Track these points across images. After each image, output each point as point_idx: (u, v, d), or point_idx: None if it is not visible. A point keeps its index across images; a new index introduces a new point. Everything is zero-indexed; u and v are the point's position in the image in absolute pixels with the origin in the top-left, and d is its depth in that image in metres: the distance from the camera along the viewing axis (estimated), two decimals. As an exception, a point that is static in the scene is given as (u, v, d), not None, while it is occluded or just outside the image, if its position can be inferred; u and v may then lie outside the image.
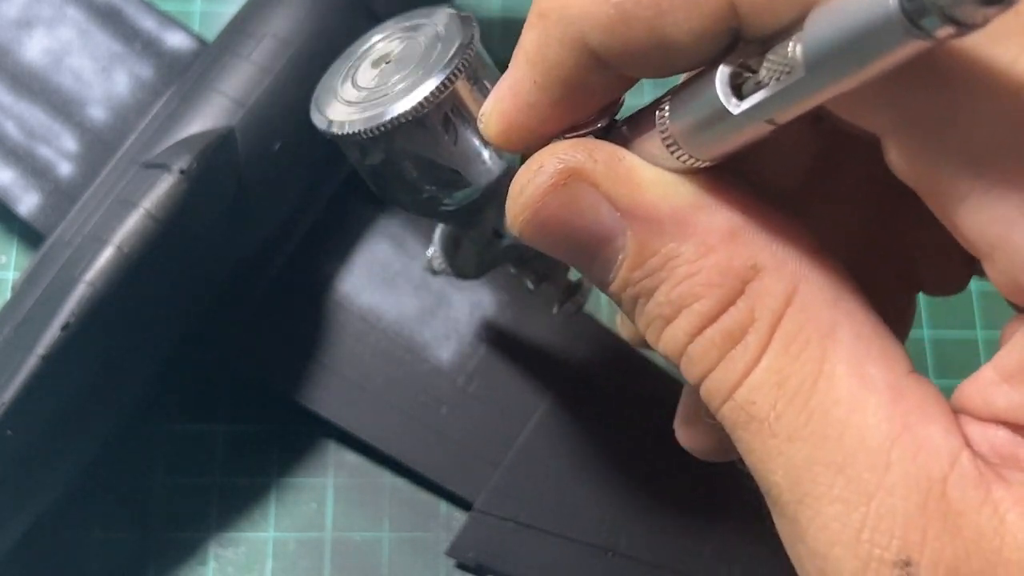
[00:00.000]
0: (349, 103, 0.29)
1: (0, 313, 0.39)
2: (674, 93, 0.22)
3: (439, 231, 0.36)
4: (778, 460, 0.21)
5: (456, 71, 0.27)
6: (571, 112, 0.24)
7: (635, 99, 0.24)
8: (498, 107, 0.25)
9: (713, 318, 0.22)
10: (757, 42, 0.20)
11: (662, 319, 0.23)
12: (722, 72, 0.21)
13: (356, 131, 0.28)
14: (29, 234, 0.44)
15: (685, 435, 0.30)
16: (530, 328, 0.43)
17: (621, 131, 0.24)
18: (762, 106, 0.20)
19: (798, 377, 0.21)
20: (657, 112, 0.22)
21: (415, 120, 0.27)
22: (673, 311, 0.22)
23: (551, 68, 0.23)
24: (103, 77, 0.43)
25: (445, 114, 0.28)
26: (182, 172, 0.38)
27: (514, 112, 0.24)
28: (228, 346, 0.42)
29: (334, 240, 0.43)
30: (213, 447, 0.44)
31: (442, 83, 0.27)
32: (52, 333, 0.36)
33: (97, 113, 0.43)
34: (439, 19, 0.30)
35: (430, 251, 0.38)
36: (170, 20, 0.45)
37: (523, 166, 0.24)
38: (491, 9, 0.51)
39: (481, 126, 0.25)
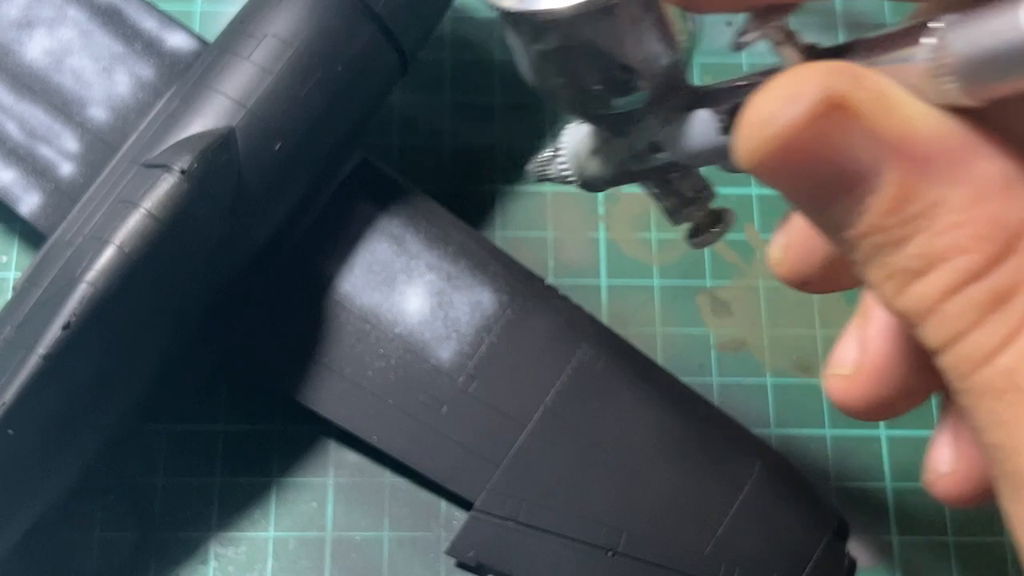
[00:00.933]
0: None
1: (1, 313, 0.39)
2: (950, 14, 0.19)
3: (574, 132, 0.32)
4: None
5: None
6: None
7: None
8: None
9: (977, 276, 0.20)
10: None
11: (909, 272, 0.20)
12: None
13: (536, 9, 0.25)
14: (30, 234, 0.45)
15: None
16: (530, 327, 0.43)
17: (858, 51, 0.22)
18: None
19: None
20: (925, 36, 0.20)
21: (605, 8, 0.24)
22: (926, 264, 0.20)
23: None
24: (104, 77, 0.44)
25: (637, 7, 0.25)
26: (183, 172, 0.38)
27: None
28: (228, 346, 0.42)
29: (334, 240, 0.43)
30: (213, 447, 0.44)
31: None
32: (53, 333, 0.36)
33: (98, 113, 0.43)
34: None
35: (549, 151, 0.34)
36: (171, 20, 0.45)
37: (766, 90, 0.21)
38: (491, 9, 0.51)
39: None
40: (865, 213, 0.20)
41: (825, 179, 0.21)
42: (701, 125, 0.27)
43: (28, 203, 0.42)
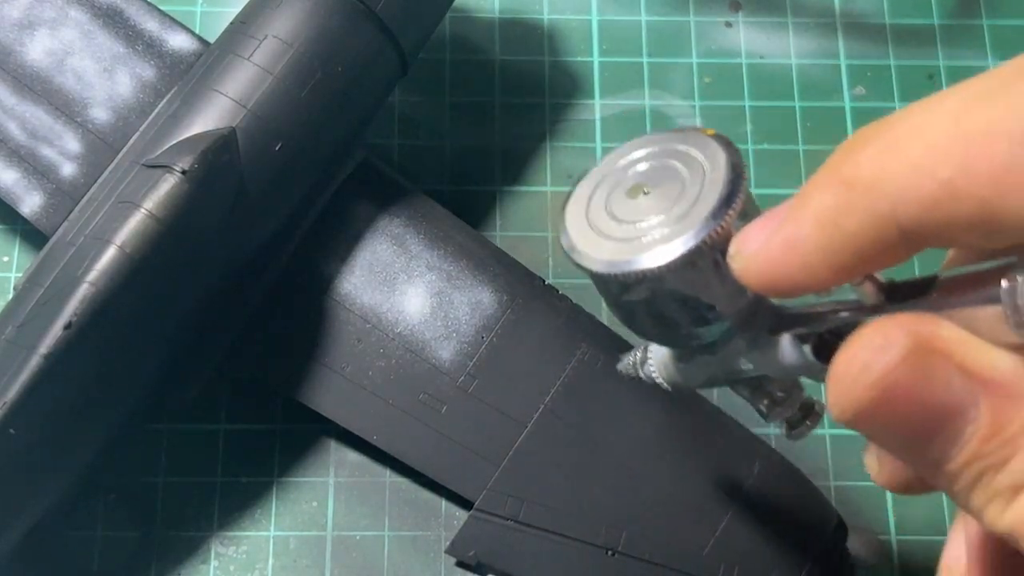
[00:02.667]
0: (607, 238, 0.28)
1: (2, 313, 0.39)
2: (1020, 265, 0.22)
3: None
4: None
5: (733, 211, 0.26)
6: (842, 278, 0.24)
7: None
8: (766, 254, 0.24)
9: None
10: None
11: (1012, 489, 0.22)
12: None
13: (627, 271, 0.27)
14: (32, 234, 0.45)
15: None
16: (530, 327, 0.43)
17: (935, 289, 0.24)
18: None
19: None
20: (1005, 287, 0.22)
21: (688, 261, 0.26)
22: None
23: (845, 238, 0.23)
24: (105, 78, 0.44)
25: (719, 252, 0.27)
26: (183, 172, 0.38)
27: (783, 266, 0.24)
28: (229, 346, 0.42)
29: (334, 240, 0.43)
30: (214, 446, 0.44)
31: (722, 223, 0.26)
32: (54, 333, 0.36)
33: (99, 114, 0.43)
34: (699, 145, 0.29)
35: (639, 353, 0.36)
36: (172, 21, 0.45)
37: (855, 343, 0.23)
38: (491, 10, 0.52)
39: (736, 265, 0.25)
40: (966, 443, 0.22)
41: (923, 419, 0.22)
42: (788, 348, 0.28)
43: (30, 203, 0.43)
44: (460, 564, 0.42)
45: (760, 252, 0.24)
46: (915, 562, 0.43)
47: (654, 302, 0.28)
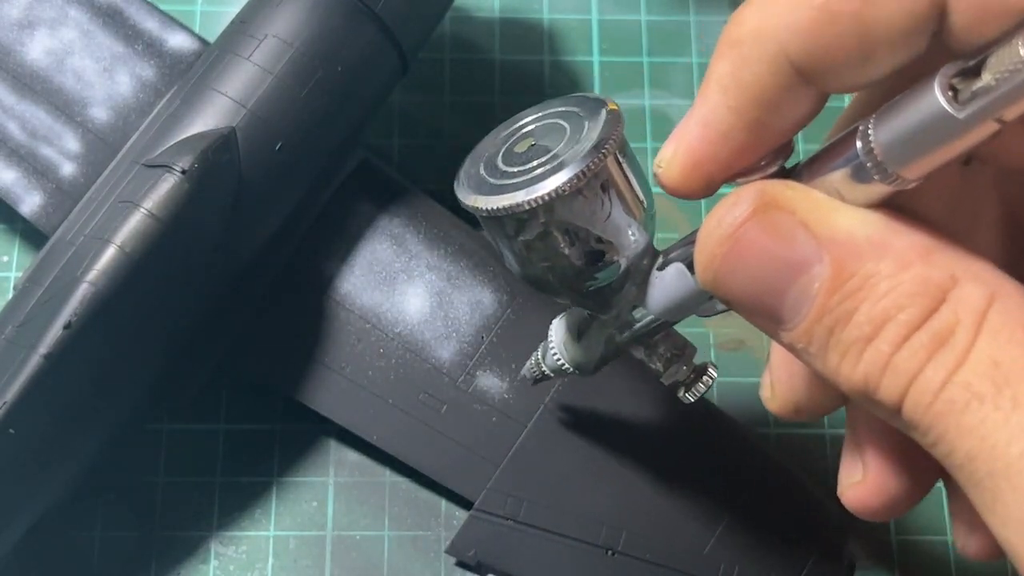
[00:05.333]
0: (499, 184, 0.30)
1: (2, 312, 0.39)
2: (878, 114, 0.23)
3: (558, 326, 0.37)
4: (1005, 429, 0.21)
5: (611, 143, 0.29)
6: (761, 141, 0.26)
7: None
8: (683, 144, 0.26)
9: (919, 325, 0.22)
10: (964, 56, 0.21)
11: (862, 341, 0.23)
12: (941, 79, 0.21)
13: (519, 202, 0.29)
14: (31, 233, 0.45)
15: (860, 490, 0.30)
16: (530, 327, 0.43)
17: (798, 176, 0.25)
18: (992, 105, 0.20)
19: (1011, 355, 0.22)
20: (860, 130, 0.23)
21: (576, 191, 0.29)
22: (874, 329, 0.23)
23: (748, 88, 0.24)
24: (105, 77, 0.44)
25: (601, 186, 0.29)
26: (183, 172, 0.38)
27: (703, 145, 0.26)
28: (229, 345, 0.42)
29: (334, 240, 0.43)
30: (214, 446, 0.44)
31: (602, 152, 0.29)
32: (54, 332, 0.36)
33: (99, 113, 0.43)
34: (579, 105, 0.31)
35: (538, 353, 0.38)
36: (172, 21, 0.45)
37: (716, 206, 0.25)
38: (491, 9, 0.52)
39: (660, 170, 0.27)
40: (814, 299, 0.23)
41: (774, 271, 0.24)
42: (671, 277, 0.30)
43: (29, 203, 0.43)
44: (460, 564, 0.42)
45: (680, 146, 0.26)
46: (915, 562, 0.43)
47: (548, 238, 0.30)
